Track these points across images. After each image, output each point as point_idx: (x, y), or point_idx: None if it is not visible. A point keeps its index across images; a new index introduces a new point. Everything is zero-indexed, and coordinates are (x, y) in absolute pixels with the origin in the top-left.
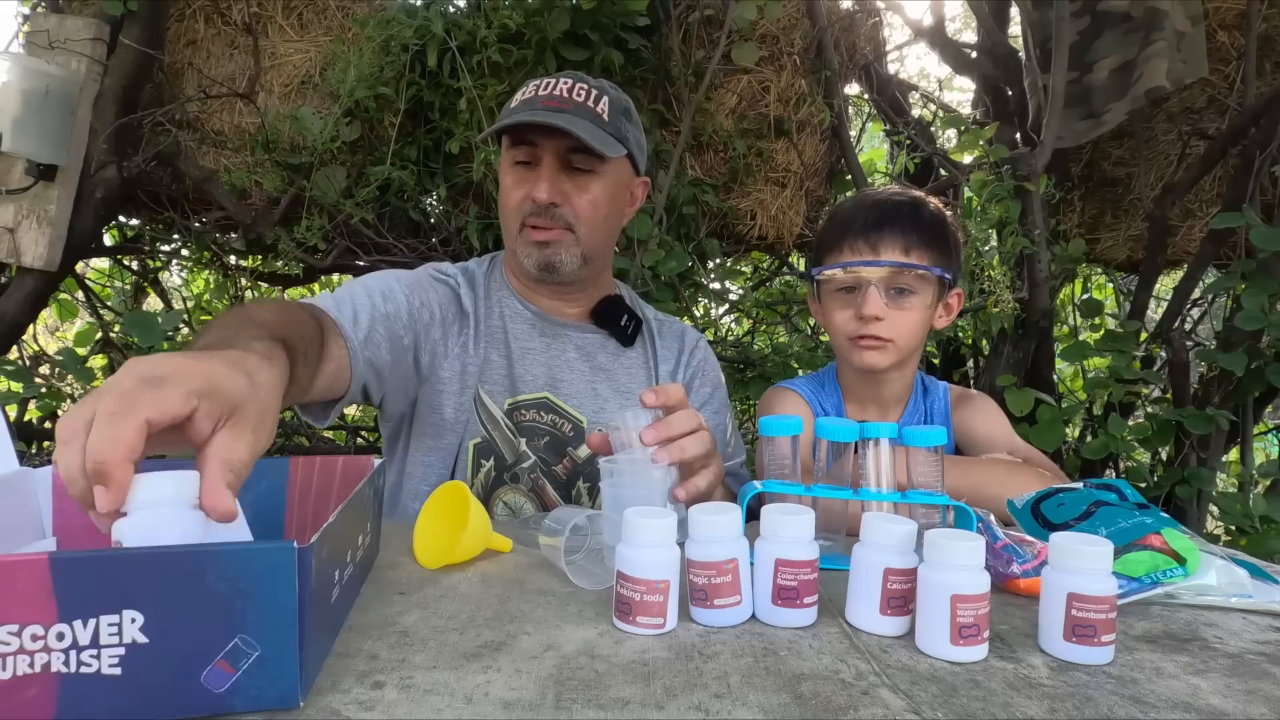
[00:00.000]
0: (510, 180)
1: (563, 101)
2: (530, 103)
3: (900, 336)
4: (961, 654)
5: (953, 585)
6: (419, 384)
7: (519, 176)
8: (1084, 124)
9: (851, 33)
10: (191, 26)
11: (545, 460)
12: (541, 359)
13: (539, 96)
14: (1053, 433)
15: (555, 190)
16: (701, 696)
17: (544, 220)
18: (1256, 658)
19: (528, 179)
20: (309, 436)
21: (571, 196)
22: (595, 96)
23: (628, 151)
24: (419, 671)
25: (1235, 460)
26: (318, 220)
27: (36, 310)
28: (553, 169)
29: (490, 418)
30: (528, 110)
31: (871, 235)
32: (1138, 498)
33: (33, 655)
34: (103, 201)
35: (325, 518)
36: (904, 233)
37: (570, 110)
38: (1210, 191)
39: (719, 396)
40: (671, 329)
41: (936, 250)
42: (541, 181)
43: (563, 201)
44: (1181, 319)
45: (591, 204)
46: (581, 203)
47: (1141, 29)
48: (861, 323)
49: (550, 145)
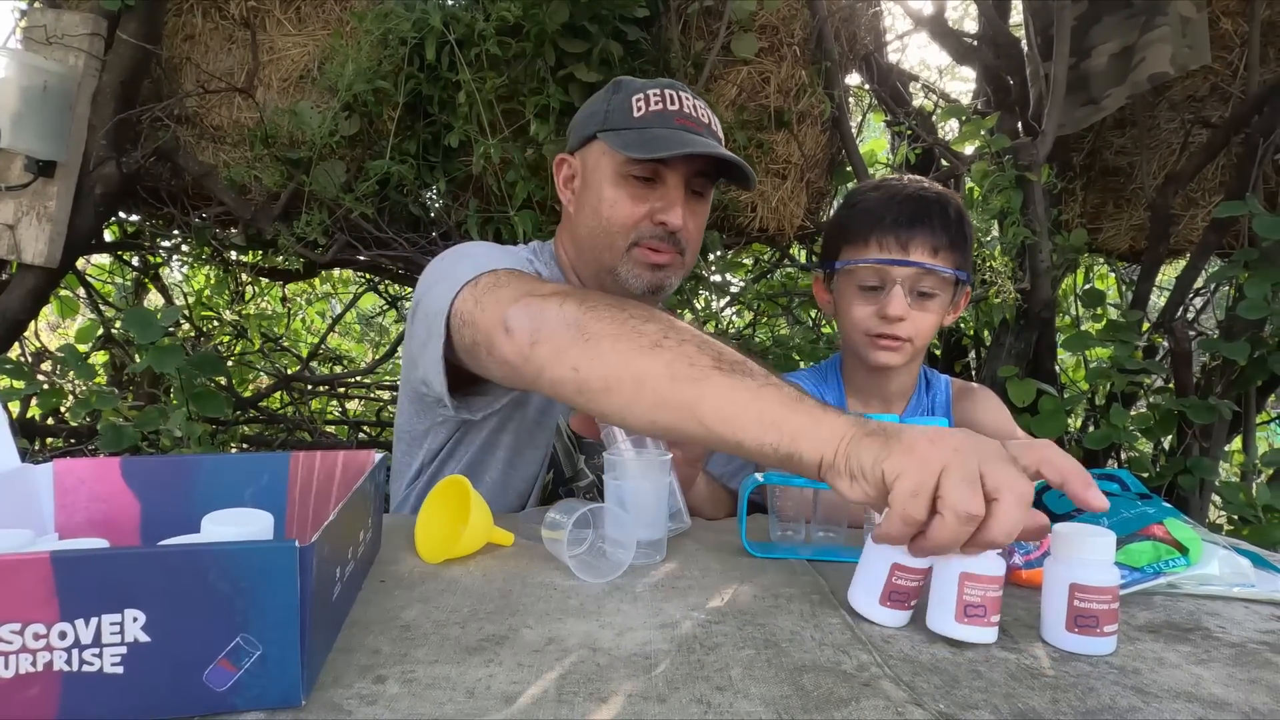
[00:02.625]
0: (624, 193)
1: (698, 124)
2: (663, 118)
3: (918, 336)
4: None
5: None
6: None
7: (635, 193)
8: (1083, 110)
9: (852, 23)
10: (189, 21)
11: (601, 480)
12: None
13: (669, 111)
14: (1054, 423)
15: (684, 216)
16: (703, 689)
17: (664, 244)
18: (1259, 647)
19: (646, 197)
20: (311, 432)
21: (688, 221)
22: (710, 118)
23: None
24: (421, 666)
25: (1238, 450)
26: (317, 215)
27: (38, 307)
28: (682, 194)
29: (557, 428)
30: (664, 128)
31: (903, 234)
32: (1140, 488)
33: (35, 654)
34: (102, 197)
35: (326, 513)
36: (933, 233)
37: (703, 134)
38: (1213, 180)
39: None
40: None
41: (959, 251)
42: (675, 207)
43: (683, 226)
44: (1184, 308)
45: (699, 230)
46: (693, 228)
47: (1142, 13)
48: (883, 321)
49: (683, 168)
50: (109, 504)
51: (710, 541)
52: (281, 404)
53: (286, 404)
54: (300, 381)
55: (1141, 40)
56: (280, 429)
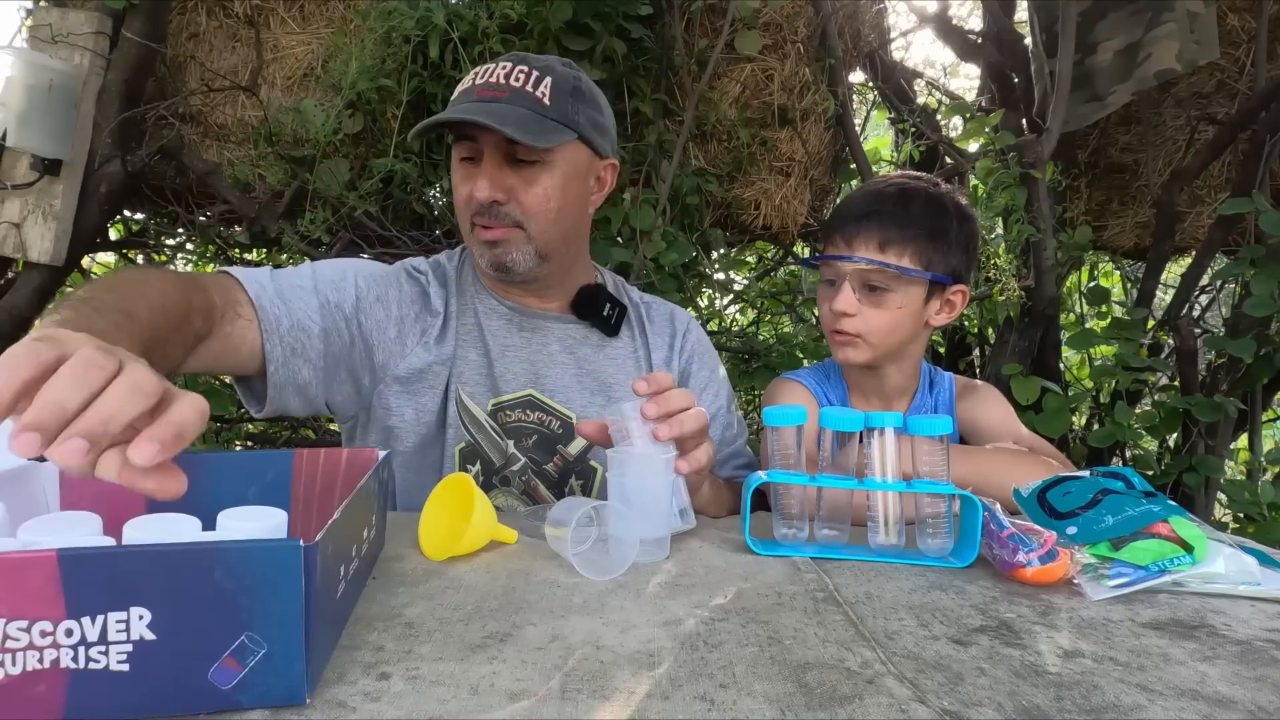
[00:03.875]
0: (457, 177)
1: (499, 89)
2: (468, 93)
3: (872, 333)
4: None
5: None
6: (371, 382)
7: (464, 173)
8: (1087, 107)
9: (856, 20)
10: (194, 20)
11: (535, 460)
12: (522, 355)
13: (476, 85)
14: (1059, 421)
15: (496, 187)
16: (707, 686)
17: (489, 219)
18: (1265, 645)
19: (472, 175)
20: (315, 430)
21: (517, 192)
22: (536, 79)
23: (577, 135)
24: (425, 663)
25: (1243, 447)
26: (321, 213)
27: (43, 305)
28: (493, 165)
29: (474, 420)
30: (464, 102)
31: (849, 229)
32: (1145, 485)
33: (41, 651)
34: (107, 196)
35: (330, 510)
36: (881, 228)
37: (506, 98)
38: (1219, 177)
39: (717, 378)
40: (660, 312)
41: (922, 246)
42: (479, 179)
43: (508, 198)
44: (1189, 306)
45: (541, 197)
46: (529, 198)
47: (1148, 9)
48: (835, 316)
49: (490, 139)
50: (113, 501)
51: (714, 539)
52: None
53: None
54: None
55: (1148, 37)
56: (284, 427)
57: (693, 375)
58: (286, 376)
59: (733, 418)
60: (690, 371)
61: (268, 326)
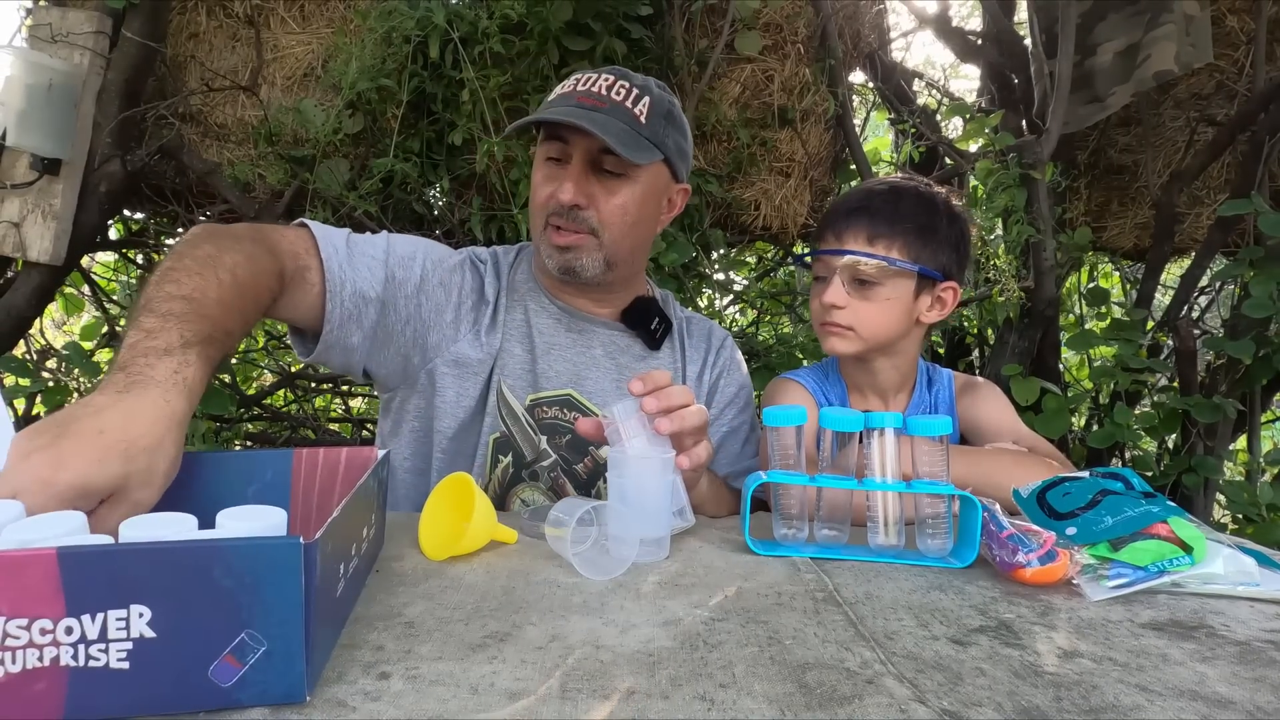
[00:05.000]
0: (540, 176)
1: (599, 99)
2: (567, 98)
3: (862, 325)
4: None
5: None
6: (420, 361)
7: (548, 173)
8: (1088, 108)
9: (856, 21)
10: (194, 19)
11: (566, 459)
12: (567, 355)
13: (577, 92)
14: (1058, 421)
15: (580, 192)
16: (706, 686)
17: (567, 222)
18: (1263, 645)
19: (556, 177)
20: (314, 429)
21: (598, 200)
22: (635, 96)
23: (664, 156)
24: (425, 662)
25: (1242, 448)
26: (321, 213)
27: (43, 304)
28: (580, 170)
29: (511, 413)
30: (563, 105)
31: (840, 224)
32: (1144, 486)
33: (41, 649)
34: (107, 195)
35: (329, 509)
36: (871, 223)
37: (606, 109)
38: (1218, 178)
39: (744, 395)
40: (699, 328)
41: (910, 241)
42: (566, 182)
43: (588, 204)
44: (1189, 307)
45: (619, 209)
46: (608, 207)
47: (1147, 11)
48: (825, 309)
49: (581, 145)
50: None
51: (713, 539)
52: (285, 401)
53: (290, 401)
54: (304, 379)
55: (1147, 38)
56: (284, 426)
57: (719, 390)
58: (338, 338)
59: (755, 435)
60: (718, 387)
61: (332, 288)
